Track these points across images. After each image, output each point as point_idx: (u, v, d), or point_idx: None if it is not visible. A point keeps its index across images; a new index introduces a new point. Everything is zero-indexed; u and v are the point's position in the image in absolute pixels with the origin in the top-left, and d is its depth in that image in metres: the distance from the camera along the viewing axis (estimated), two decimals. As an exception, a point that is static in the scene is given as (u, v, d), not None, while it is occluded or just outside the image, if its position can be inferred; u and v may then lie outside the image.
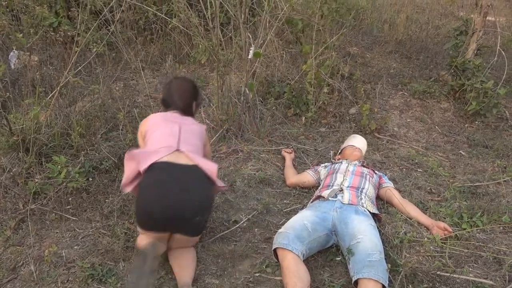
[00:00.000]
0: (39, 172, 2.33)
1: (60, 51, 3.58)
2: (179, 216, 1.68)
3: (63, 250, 1.96)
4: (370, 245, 1.74)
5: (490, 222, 2.18)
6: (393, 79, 3.95)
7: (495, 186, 2.56)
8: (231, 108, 2.94)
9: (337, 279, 1.81)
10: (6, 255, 1.94)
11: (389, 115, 3.43)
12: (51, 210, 2.18)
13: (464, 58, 3.47)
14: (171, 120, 1.98)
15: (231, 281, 1.80)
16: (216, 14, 2.69)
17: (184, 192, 1.69)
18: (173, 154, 1.79)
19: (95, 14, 3.44)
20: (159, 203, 1.66)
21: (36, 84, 2.75)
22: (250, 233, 2.10)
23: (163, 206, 1.66)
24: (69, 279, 1.80)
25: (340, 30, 3.46)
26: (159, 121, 1.97)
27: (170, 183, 1.70)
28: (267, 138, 2.98)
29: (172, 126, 1.93)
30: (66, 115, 2.73)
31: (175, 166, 1.75)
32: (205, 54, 3.51)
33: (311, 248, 1.84)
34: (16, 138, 2.33)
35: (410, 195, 2.44)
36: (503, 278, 1.82)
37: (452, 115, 3.51)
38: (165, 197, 1.67)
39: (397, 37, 4.71)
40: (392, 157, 2.90)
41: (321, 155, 2.88)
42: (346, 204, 2.01)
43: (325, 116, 3.35)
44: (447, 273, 1.81)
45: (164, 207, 1.66)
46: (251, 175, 2.55)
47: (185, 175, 1.75)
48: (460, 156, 2.99)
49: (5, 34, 3.34)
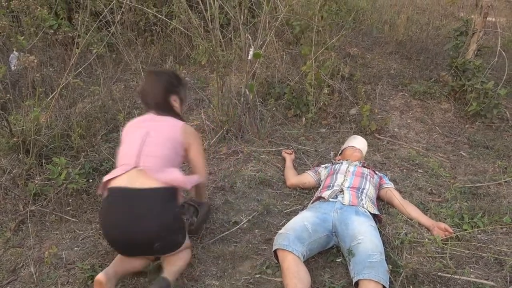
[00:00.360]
0: (39, 173, 2.33)
1: (60, 52, 3.58)
2: (135, 246, 1.65)
3: (63, 252, 1.95)
4: (370, 246, 1.74)
5: (491, 223, 2.17)
6: (393, 80, 3.95)
7: (496, 187, 2.55)
8: (231, 109, 2.94)
9: (337, 280, 1.80)
10: (6, 257, 1.94)
11: (389, 116, 3.43)
12: (51, 211, 2.18)
13: (464, 58, 3.46)
14: (141, 126, 1.82)
15: (231, 282, 1.79)
16: (215, 16, 2.69)
17: (135, 223, 1.60)
18: (130, 175, 1.66)
19: (95, 15, 3.44)
20: (114, 234, 1.65)
21: (37, 86, 2.75)
22: (250, 234, 2.10)
23: (118, 236, 1.64)
24: (69, 281, 1.80)
25: (340, 31, 3.46)
26: (129, 129, 1.84)
27: (122, 214, 1.62)
28: (267, 139, 2.98)
29: (139, 134, 1.77)
30: (66, 117, 2.73)
31: (129, 192, 1.64)
32: (205, 55, 3.51)
33: (311, 249, 1.84)
34: (16, 139, 2.34)
35: (411, 196, 2.44)
36: (504, 279, 1.81)
37: (453, 115, 3.50)
38: (117, 228, 1.62)
39: (397, 38, 4.71)
40: (393, 158, 2.90)
41: (322, 156, 2.88)
42: (346, 205, 2.00)
43: (325, 117, 3.35)
44: (448, 274, 1.81)
45: (119, 237, 1.64)
46: (251, 176, 2.54)
47: (138, 202, 1.63)
48: (460, 156, 2.98)
49: (5, 36, 3.34)
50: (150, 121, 1.83)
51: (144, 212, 1.61)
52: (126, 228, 1.61)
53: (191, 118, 3.19)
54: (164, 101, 1.86)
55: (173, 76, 1.93)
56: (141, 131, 1.79)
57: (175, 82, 1.91)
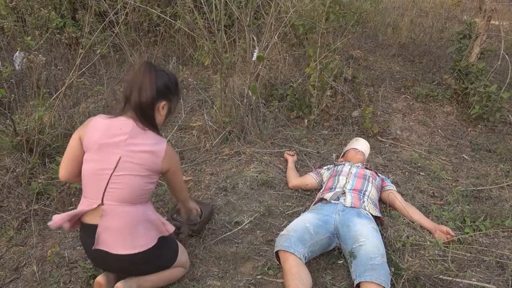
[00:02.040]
0: (42, 172, 2.34)
1: (65, 52, 3.60)
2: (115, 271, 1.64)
3: (66, 251, 1.96)
4: (372, 248, 1.74)
5: (493, 226, 2.17)
6: (396, 82, 3.95)
7: (498, 190, 2.55)
8: (234, 110, 2.95)
9: (339, 282, 1.81)
10: (9, 255, 1.95)
11: (392, 118, 3.43)
12: (54, 210, 2.19)
13: (467, 61, 3.46)
14: (113, 143, 1.52)
15: (232, 283, 1.80)
16: (220, 17, 2.70)
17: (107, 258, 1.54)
18: (95, 213, 1.53)
19: (99, 15, 3.46)
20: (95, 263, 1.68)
21: (41, 85, 2.77)
22: (252, 235, 2.10)
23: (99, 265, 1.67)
24: (71, 280, 1.80)
25: (344, 33, 3.47)
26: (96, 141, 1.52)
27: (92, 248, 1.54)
28: (270, 141, 2.98)
29: (108, 159, 1.52)
30: (70, 116, 2.74)
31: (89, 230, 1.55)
32: (209, 56, 3.52)
33: (313, 250, 1.84)
34: (20, 138, 2.35)
35: (413, 199, 2.44)
36: (506, 283, 1.81)
37: (455, 118, 3.50)
38: (93, 256, 1.60)
39: (401, 40, 4.72)
40: (395, 161, 2.90)
41: (324, 157, 2.88)
42: (348, 207, 2.00)
43: (327, 119, 3.35)
44: (449, 277, 1.81)
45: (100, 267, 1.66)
46: (253, 177, 2.55)
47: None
48: (463, 159, 2.98)
49: (10, 36, 3.37)
50: (126, 141, 1.53)
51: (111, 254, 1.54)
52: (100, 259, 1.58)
53: (193, 119, 3.20)
54: (151, 105, 1.55)
55: (173, 79, 1.64)
56: (110, 157, 1.52)
57: (172, 87, 1.62)
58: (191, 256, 1.91)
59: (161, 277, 1.71)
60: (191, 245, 2.00)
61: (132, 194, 1.53)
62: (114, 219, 1.52)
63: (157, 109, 1.58)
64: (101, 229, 1.51)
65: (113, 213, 1.51)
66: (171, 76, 1.63)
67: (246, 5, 2.73)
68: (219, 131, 2.97)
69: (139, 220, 1.55)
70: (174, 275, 1.75)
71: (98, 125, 1.55)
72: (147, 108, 1.55)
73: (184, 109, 3.33)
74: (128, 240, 1.52)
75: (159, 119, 1.61)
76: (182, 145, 2.89)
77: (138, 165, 1.53)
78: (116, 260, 1.54)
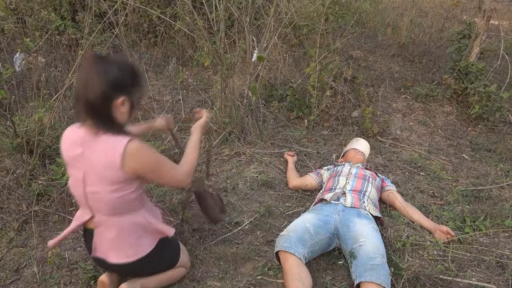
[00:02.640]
0: (42, 174, 2.35)
1: (65, 53, 3.60)
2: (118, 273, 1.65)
3: (66, 252, 1.96)
4: (372, 248, 1.74)
5: (493, 226, 2.17)
6: (395, 82, 3.95)
7: (498, 190, 2.55)
8: (234, 111, 2.95)
9: (339, 282, 1.81)
10: (9, 256, 1.95)
11: (391, 119, 3.43)
12: (54, 211, 2.19)
13: (467, 61, 3.47)
14: (72, 157, 1.40)
15: (233, 283, 1.80)
16: (220, 17, 2.71)
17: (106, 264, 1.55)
18: (92, 220, 1.52)
19: (99, 16, 3.47)
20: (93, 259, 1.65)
21: (41, 87, 2.77)
22: (252, 236, 2.10)
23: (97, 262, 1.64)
24: (71, 281, 1.80)
25: (344, 33, 3.47)
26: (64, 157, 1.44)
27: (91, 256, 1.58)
28: (270, 141, 2.98)
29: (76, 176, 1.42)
30: (70, 118, 2.75)
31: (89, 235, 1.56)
32: (209, 57, 3.53)
33: (313, 251, 1.84)
34: (20, 140, 2.35)
35: (413, 199, 2.44)
36: (506, 283, 1.81)
37: (455, 118, 3.50)
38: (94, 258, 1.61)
39: (400, 40, 4.72)
40: (395, 161, 2.90)
41: (324, 158, 2.88)
42: (348, 207, 2.01)
43: (327, 119, 3.36)
44: (449, 277, 1.81)
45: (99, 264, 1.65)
46: (253, 178, 2.55)
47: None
48: (463, 159, 2.98)
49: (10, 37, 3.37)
50: (83, 153, 1.38)
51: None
52: (105, 267, 1.61)
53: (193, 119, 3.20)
54: (103, 102, 1.30)
55: (128, 69, 1.36)
56: (76, 173, 1.41)
57: (129, 78, 1.35)
58: (191, 257, 1.91)
59: (164, 277, 1.72)
60: (191, 245, 2.00)
61: (112, 208, 1.42)
62: (106, 229, 1.50)
63: (115, 107, 1.33)
64: (96, 238, 1.53)
65: (104, 224, 1.50)
66: (126, 65, 1.36)
67: (246, 6, 2.73)
68: (219, 131, 2.97)
69: (130, 230, 1.50)
70: (176, 275, 1.77)
71: (64, 138, 1.44)
72: (100, 106, 1.30)
73: (184, 110, 3.33)
74: (121, 250, 1.51)
75: (120, 118, 1.36)
76: (182, 145, 2.88)
77: (102, 178, 1.36)
78: (115, 266, 1.56)
